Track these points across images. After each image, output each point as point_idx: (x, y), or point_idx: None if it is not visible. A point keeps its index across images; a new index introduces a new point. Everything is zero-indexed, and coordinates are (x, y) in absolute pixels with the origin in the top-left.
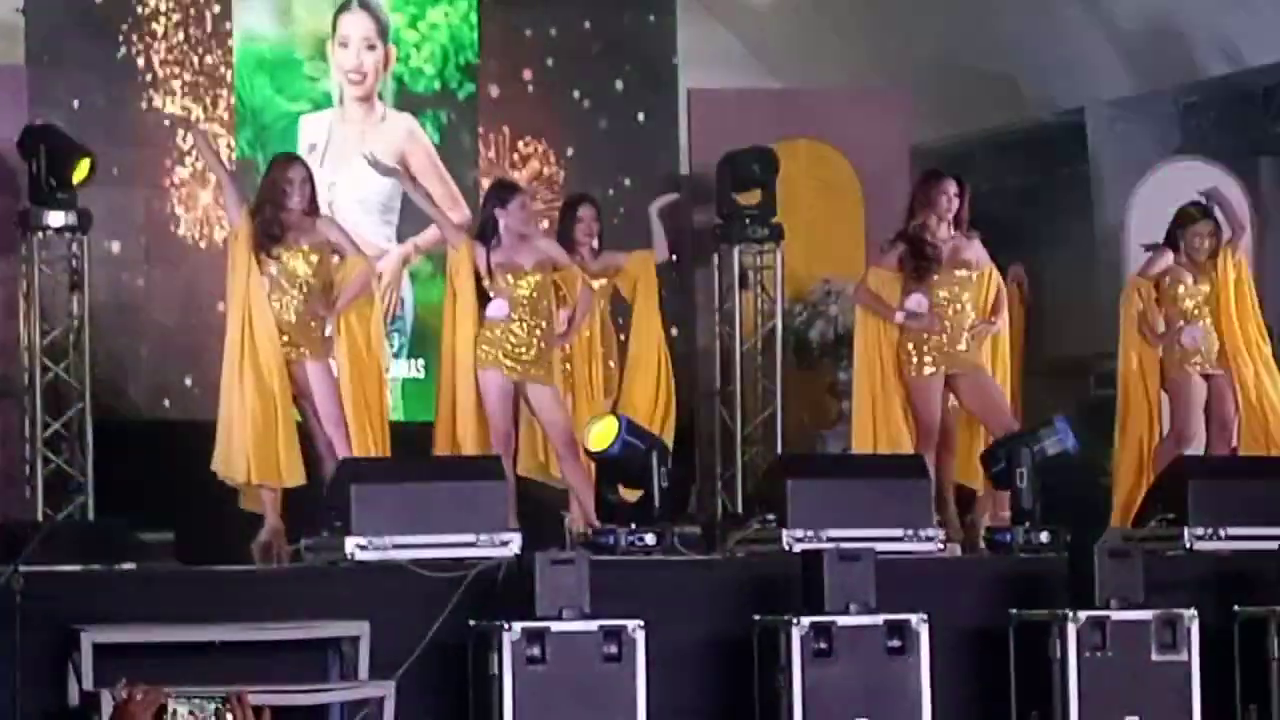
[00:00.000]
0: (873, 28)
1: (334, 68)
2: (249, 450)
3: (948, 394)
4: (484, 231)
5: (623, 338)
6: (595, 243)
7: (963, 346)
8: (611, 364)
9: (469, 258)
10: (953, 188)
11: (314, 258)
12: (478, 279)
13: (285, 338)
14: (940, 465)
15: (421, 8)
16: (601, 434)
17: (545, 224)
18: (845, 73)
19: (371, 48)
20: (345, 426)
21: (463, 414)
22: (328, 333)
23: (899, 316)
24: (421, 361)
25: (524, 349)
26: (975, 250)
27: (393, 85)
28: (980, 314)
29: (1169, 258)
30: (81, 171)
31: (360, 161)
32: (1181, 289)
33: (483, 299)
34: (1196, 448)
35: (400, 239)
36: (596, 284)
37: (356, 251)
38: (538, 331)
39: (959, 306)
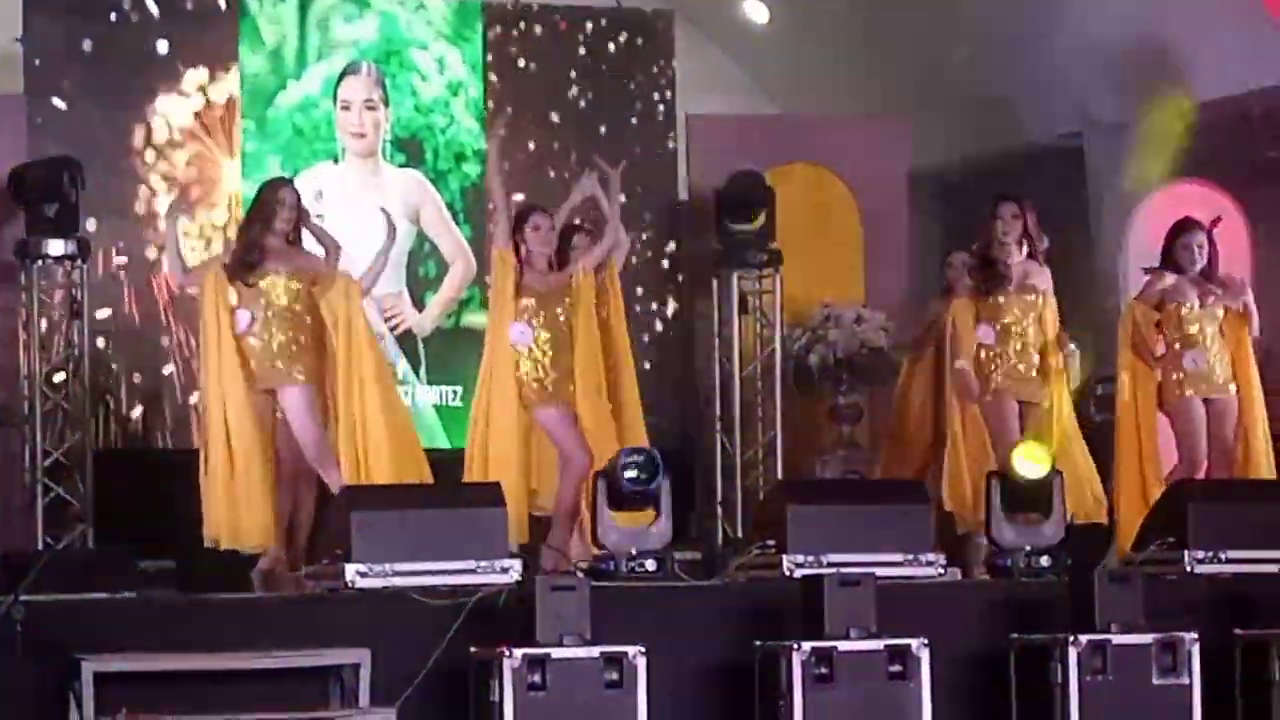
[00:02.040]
0: (870, 53)
1: (337, 127)
2: (216, 512)
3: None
4: (516, 255)
5: None
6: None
7: (1031, 373)
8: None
9: (511, 278)
10: (1008, 210)
11: (294, 285)
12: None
13: (272, 365)
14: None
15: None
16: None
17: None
18: (843, 98)
19: (372, 108)
20: (330, 453)
21: (497, 442)
22: (310, 358)
23: (960, 363)
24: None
25: (540, 374)
26: (1045, 278)
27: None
28: (1047, 338)
29: (1169, 279)
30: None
31: (365, 214)
32: (1185, 310)
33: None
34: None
35: (410, 288)
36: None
37: (336, 260)
38: (557, 354)
39: (1024, 330)
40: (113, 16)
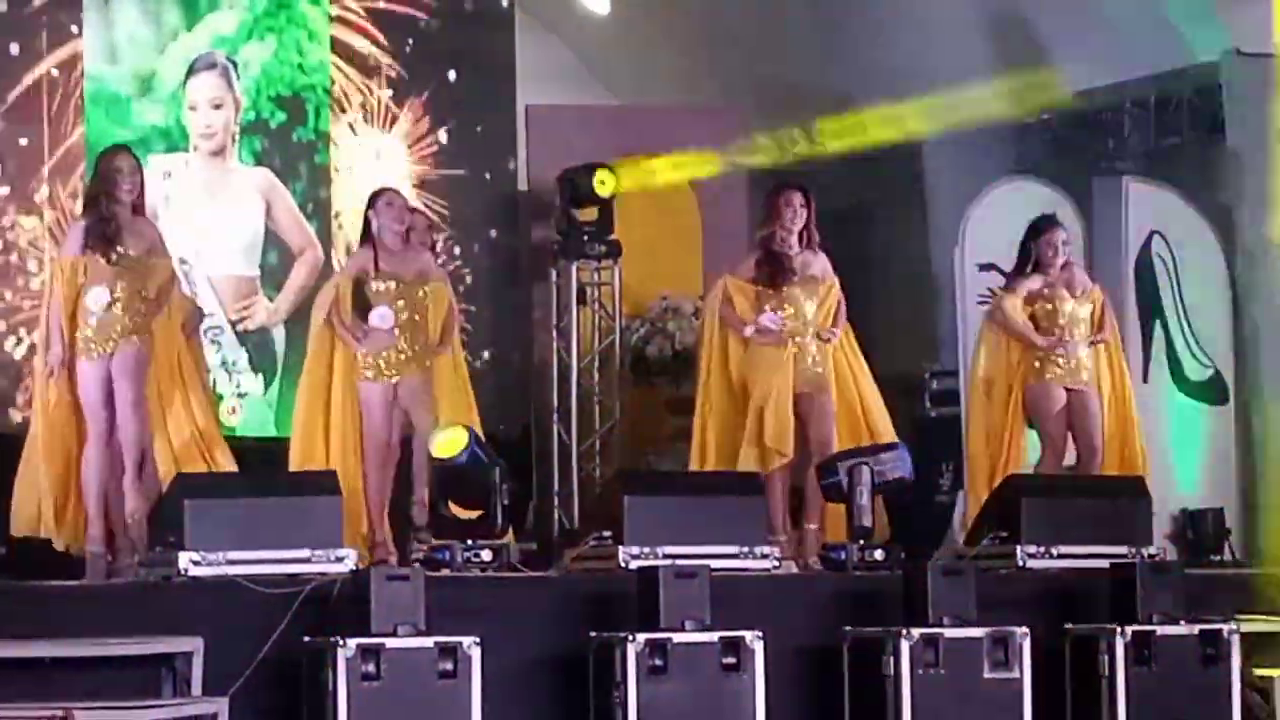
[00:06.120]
0: (712, 45)
1: (188, 126)
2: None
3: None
4: (364, 238)
5: None
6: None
7: (809, 362)
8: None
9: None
10: (798, 199)
11: (146, 259)
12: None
13: (120, 335)
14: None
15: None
16: (448, 443)
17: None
18: (684, 90)
19: (218, 106)
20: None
21: (336, 429)
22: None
23: (748, 330)
24: (260, 377)
25: (400, 353)
26: (821, 264)
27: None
28: (821, 326)
29: (1037, 280)
30: None
31: (217, 208)
32: (1065, 306)
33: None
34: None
35: (263, 278)
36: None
37: (165, 253)
38: (414, 336)
39: (804, 321)
40: None
